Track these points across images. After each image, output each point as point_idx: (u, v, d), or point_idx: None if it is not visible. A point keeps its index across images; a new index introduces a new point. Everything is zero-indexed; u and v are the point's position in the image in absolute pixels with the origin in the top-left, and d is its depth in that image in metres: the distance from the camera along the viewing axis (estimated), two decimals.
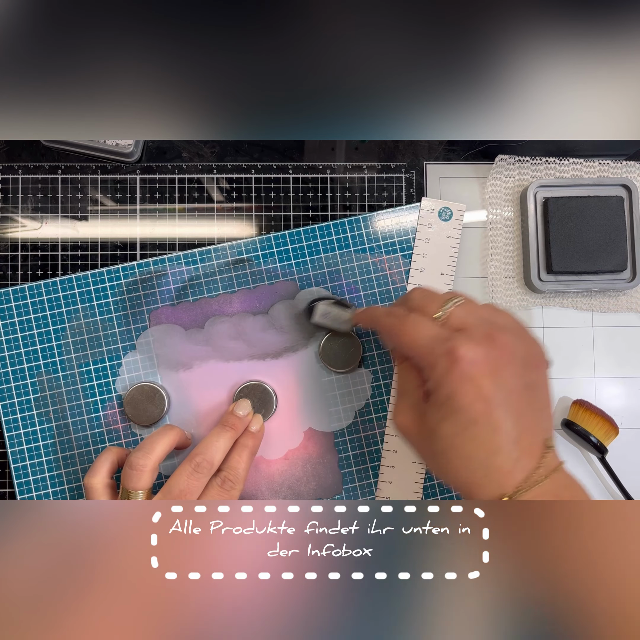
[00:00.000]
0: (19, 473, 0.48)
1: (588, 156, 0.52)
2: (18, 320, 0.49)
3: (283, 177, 0.52)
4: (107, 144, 0.49)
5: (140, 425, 0.48)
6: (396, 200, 0.52)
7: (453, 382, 0.35)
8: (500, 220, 0.52)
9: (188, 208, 0.51)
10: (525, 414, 0.36)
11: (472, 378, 0.35)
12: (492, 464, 0.35)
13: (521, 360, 0.37)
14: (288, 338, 0.49)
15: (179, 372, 0.49)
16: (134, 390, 0.48)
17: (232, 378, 0.49)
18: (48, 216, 0.51)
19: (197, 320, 0.49)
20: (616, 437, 0.49)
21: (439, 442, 0.36)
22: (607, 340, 0.52)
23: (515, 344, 0.37)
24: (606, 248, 0.49)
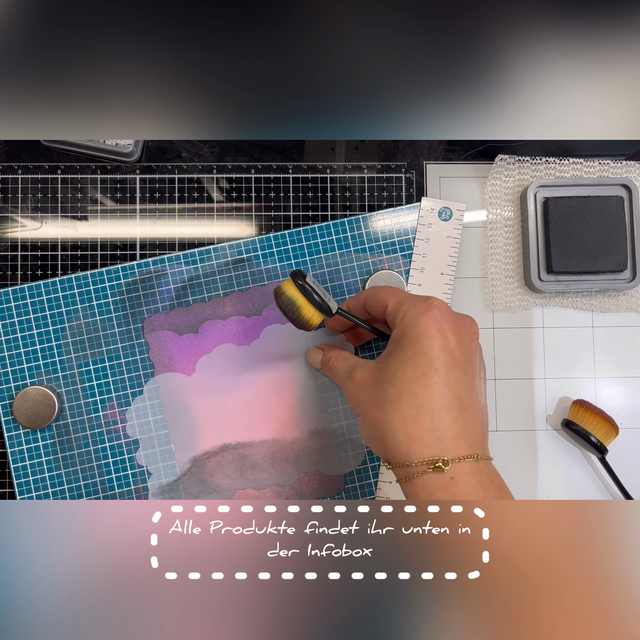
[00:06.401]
0: (18, 473, 0.48)
1: (588, 156, 0.52)
2: (18, 320, 0.49)
3: (283, 177, 0.52)
4: (107, 143, 0.49)
5: (34, 429, 0.48)
6: (396, 200, 0.52)
7: (424, 324, 0.37)
8: (500, 220, 0.52)
9: (188, 208, 0.51)
10: (474, 391, 0.37)
11: (442, 327, 0.37)
12: (442, 421, 0.35)
13: (480, 351, 0.40)
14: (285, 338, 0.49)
15: (176, 378, 0.49)
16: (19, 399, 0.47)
17: (231, 382, 0.49)
18: (48, 216, 0.51)
19: (191, 325, 0.49)
20: (616, 437, 0.49)
21: (394, 388, 0.37)
22: (607, 340, 0.52)
23: (476, 335, 0.40)
24: (606, 248, 0.49)
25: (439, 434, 0.35)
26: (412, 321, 0.37)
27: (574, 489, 0.50)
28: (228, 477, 0.48)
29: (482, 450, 0.36)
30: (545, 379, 0.51)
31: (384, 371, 0.38)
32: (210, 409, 0.49)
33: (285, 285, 0.42)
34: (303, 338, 0.49)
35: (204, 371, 0.49)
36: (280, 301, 0.42)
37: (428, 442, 0.35)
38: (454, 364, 0.37)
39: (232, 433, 0.49)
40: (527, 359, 0.51)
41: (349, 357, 0.43)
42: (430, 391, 0.36)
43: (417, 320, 0.37)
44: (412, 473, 0.35)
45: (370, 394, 0.38)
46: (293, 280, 0.41)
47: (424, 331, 0.37)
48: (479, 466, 0.35)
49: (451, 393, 0.36)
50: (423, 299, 0.39)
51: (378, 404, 0.37)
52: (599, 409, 0.49)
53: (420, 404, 0.36)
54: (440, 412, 0.36)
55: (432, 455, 0.35)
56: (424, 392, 0.36)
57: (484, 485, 0.35)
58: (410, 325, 0.38)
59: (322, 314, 0.42)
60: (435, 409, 0.36)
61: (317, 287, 0.42)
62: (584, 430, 0.48)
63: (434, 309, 0.37)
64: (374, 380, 0.38)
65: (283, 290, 0.42)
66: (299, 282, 0.41)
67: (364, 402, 0.39)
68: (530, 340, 0.51)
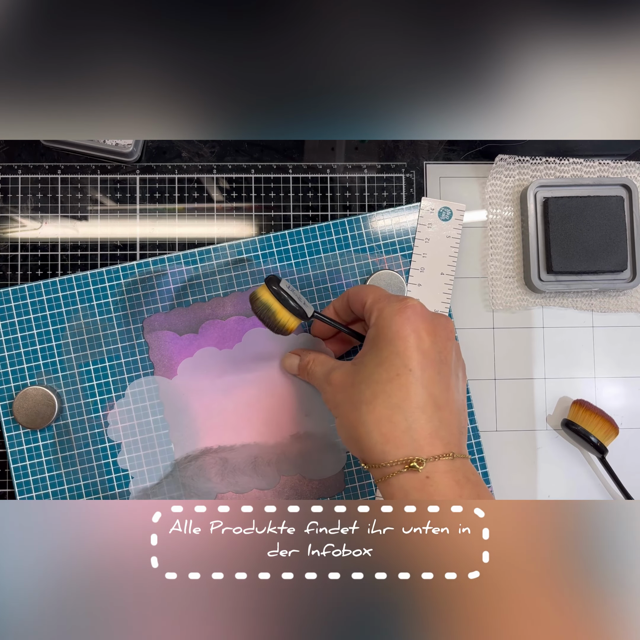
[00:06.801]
0: (18, 473, 0.48)
1: (588, 156, 0.52)
2: (18, 320, 0.49)
3: (283, 177, 0.52)
4: (107, 143, 0.49)
5: (34, 429, 0.48)
6: (396, 200, 0.52)
7: (397, 324, 0.37)
8: (500, 220, 0.52)
9: (188, 208, 0.51)
10: (450, 390, 0.38)
11: (416, 327, 0.37)
12: (416, 421, 0.36)
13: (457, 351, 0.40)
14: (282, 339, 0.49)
15: (175, 379, 0.49)
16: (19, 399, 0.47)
17: (213, 385, 0.49)
18: (48, 216, 0.51)
19: (191, 325, 0.49)
20: (616, 437, 0.49)
21: (370, 389, 0.37)
22: (607, 340, 0.52)
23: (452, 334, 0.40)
24: (606, 248, 0.49)
25: (414, 434, 0.35)
26: (387, 321, 0.38)
27: (574, 489, 0.51)
28: (209, 480, 0.48)
29: (458, 449, 0.36)
30: (545, 379, 0.51)
31: (359, 372, 0.38)
32: (191, 413, 0.49)
33: (260, 291, 0.42)
34: (286, 342, 0.49)
35: (185, 374, 0.49)
36: (255, 307, 0.42)
37: (402, 442, 0.35)
38: (428, 364, 0.37)
39: (214, 436, 0.49)
40: (527, 359, 0.51)
41: (326, 361, 0.44)
42: (404, 391, 0.36)
43: (391, 320, 0.37)
44: (388, 473, 0.35)
45: (347, 395, 0.38)
46: (267, 286, 0.42)
47: (398, 331, 0.37)
48: (455, 464, 0.35)
49: (426, 393, 0.36)
50: (398, 299, 0.39)
51: (354, 405, 0.37)
52: (599, 409, 0.49)
53: (394, 404, 0.36)
54: (414, 412, 0.36)
55: (406, 455, 0.35)
56: (399, 392, 0.36)
57: (460, 484, 0.35)
58: (384, 326, 0.38)
59: (298, 318, 0.42)
60: (410, 409, 0.36)
61: (291, 292, 0.42)
62: (584, 430, 0.48)
63: (408, 309, 0.38)
64: (350, 381, 0.39)
65: (258, 296, 0.42)
66: (273, 288, 0.42)
67: (340, 404, 0.39)
68: (530, 340, 0.51)
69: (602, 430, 0.48)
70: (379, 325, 0.38)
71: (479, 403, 0.51)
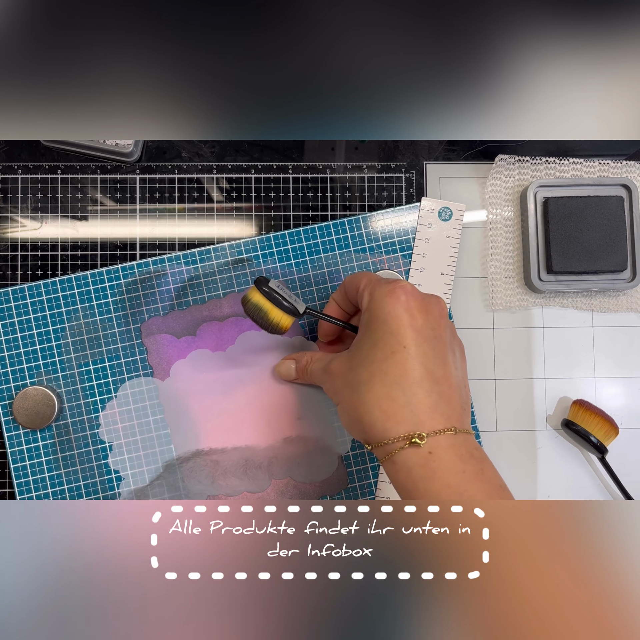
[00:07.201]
0: (18, 473, 0.48)
1: (588, 156, 0.52)
2: (18, 320, 0.49)
3: (283, 177, 0.52)
4: (107, 143, 0.49)
5: (34, 429, 0.48)
6: (396, 200, 0.52)
7: (390, 305, 0.37)
8: (500, 220, 0.52)
9: (188, 208, 0.51)
10: (447, 366, 0.38)
11: (408, 306, 0.37)
12: (415, 395, 0.36)
13: (451, 329, 0.41)
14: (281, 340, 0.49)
15: (167, 380, 0.49)
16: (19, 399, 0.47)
17: (205, 388, 0.49)
18: (48, 216, 0.51)
19: (189, 327, 0.49)
20: (616, 437, 0.49)
21: (366, 370, 0.37)
22: (607, 340, 0.52)
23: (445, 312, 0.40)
24: (606, 248, 0.49)
25: (413, 409, 0.36)
26: (379, 303, 0.38)
27: (574, 489, 0.51)
28: (200, 482, 0.48)
29: (460, 424, 0.36)
30: (545, 379, 0.51)
31: (355, 356, 0.39)
32: (183, 415, 0.49)
33: (250, 293, 0.43)
34: (279, 344, 0.49)
35: (177, 376, 0.49)
36: (247, 309, 0.43)
37: (403, 417, 0.36)
38: (422, 340, 0.37)
39: (205, 439, 0.49)
40: (527, 359, 0.51)
41: (323, 356, 0.44)
42: (400, 368, 0.36)
43: (383, 301, 0.38)
44: (391, 450, 0.36)
45: (345, 380, 0.39)
46: (257, 287, 0.42)
47: (390, 311, 0.37)
48: (457, 439, 0.35)
49: (422, 368, 0.36)
50: (388, 282, 0.39)
51: (353, 387, 0.38)
52: (599, 409, 0.49)
53: (392, 381, 0.36)
54: (412, 387, 0.36)
55: (407, 430, 0.35)
56: (395, 369, 0.36)
57: (462, 459, 0.35)
58: (376, 308, 0.38)
59: (291, 316, 0.43)
60: (407, 384, 0.36)
61: (281, 291, 0.43)
62: (584, 430, 0.48)
63: (398, 289, 0.38)
64: (347, 366, 0.39)
65: (249, 298, 0.43)
66: (263, 289, 0.42)
67: (340, 389, 0.39)
68: (530, 340, 0.51)
69: (602, 430, 0.48)
70: (371, 308, 0.39)
71: (479, 403, 0.51)
